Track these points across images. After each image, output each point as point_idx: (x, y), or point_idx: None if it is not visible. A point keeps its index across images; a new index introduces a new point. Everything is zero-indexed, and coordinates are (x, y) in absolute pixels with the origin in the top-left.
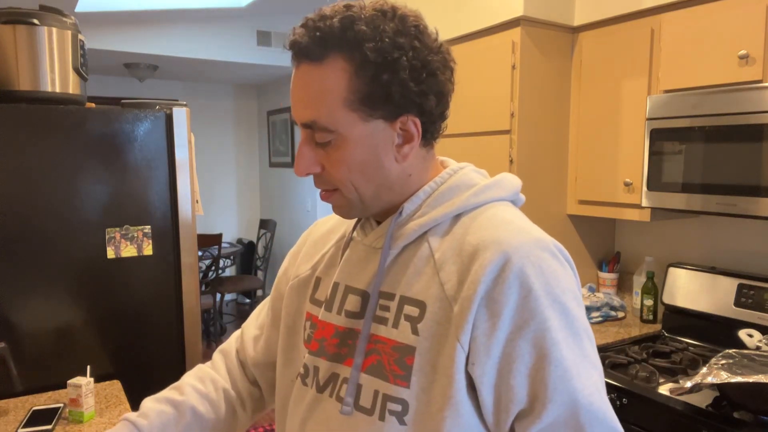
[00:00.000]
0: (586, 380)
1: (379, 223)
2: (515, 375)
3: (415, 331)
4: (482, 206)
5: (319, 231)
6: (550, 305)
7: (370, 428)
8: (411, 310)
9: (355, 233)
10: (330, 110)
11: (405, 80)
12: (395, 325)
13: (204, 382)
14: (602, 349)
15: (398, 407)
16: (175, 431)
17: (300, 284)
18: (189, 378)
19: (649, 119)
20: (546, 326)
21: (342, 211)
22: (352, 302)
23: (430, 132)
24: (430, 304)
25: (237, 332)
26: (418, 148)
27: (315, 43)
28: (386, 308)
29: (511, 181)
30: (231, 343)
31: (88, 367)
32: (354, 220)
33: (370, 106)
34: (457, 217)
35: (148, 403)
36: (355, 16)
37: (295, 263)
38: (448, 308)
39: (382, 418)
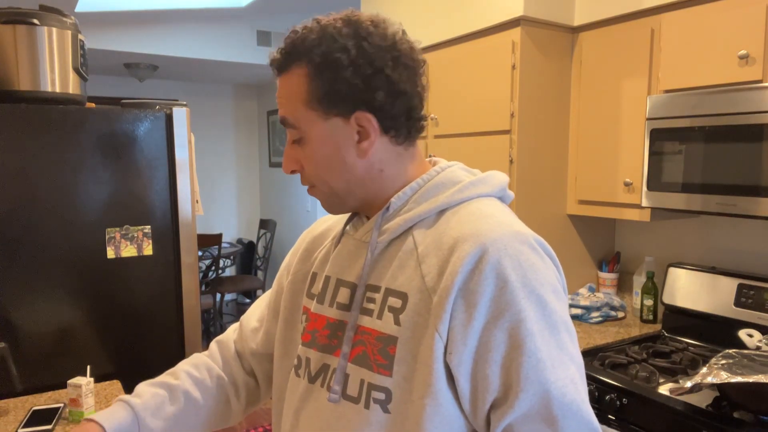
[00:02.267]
0: (561, 372)
1: (368, 218)
2: (490, 364)
3: (397, 322)
4: (466, 201)
5: (319, 229)
6: (526, 297)
7: (357, 416)
8: (394, 301)
9: (347, 228)
10: (295, 110)
11: (348, 78)
12: (379, 316)
13: (199, 369)
14: (602, 349)
15: (382, 395)
16: (168, 413)
17: (298, 279)
18: (184, 364)
19: (649, 119)
20: (521, 317)
21: (325, 205)
22: (343, 295)
23: (394, 129)
24: (411, 295)
25: (235, 324)
26: (389, 145)
27: (282, 58)
28: (372, 300)
29: (497, 178)
30: (228, 334)
31: (88, 367)
32: (347, 217)
33: (326, 104)
34: (442, 212)
35: (143, 386)
36: (310, 27)
37: (295, 259)
38: (428, 299)
39: (367, 406)
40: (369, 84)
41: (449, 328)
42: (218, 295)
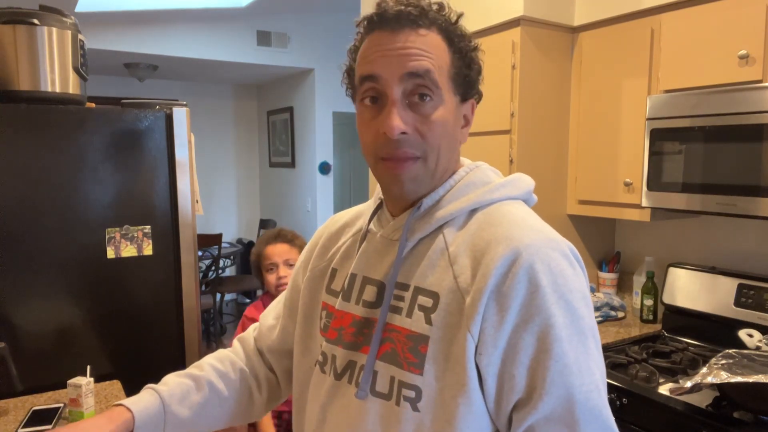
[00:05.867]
0: (586, 377)
1: (393, 216)
2: (517, 366)
3: (428, 321)
4: (496, 203)
5: (335, 226)
6: (556, 302)
7: (388, 413)
8: (425, 300)
9: (371, 226)
10: (440, 69)
11: (477, 70)
12: (409, 314)
13: (223, 362)
14: (602, 349)
15: (412, 393)
16: (194, 401)
17: (316, 276)
18: (208, 358)
19: (649, 119)
20: (551, 322)
21: (409, 186)
22: (370, 292)
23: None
24: (443, 295)
25: (255, 323)
26: None
27: (421, 16)
28: (401, 298)
29: (525, 181)
30: (249, 332)
31: (88, 367)
32: (369, 213)
33: (456, 83)
34: (472, 212)
35: (170, 376)
36: (442, 3)
37: (311, 257)
38: (461, 300)
39: (398, 403)
40: (478, 78)
41: (481, 329)
42: (218, 295)
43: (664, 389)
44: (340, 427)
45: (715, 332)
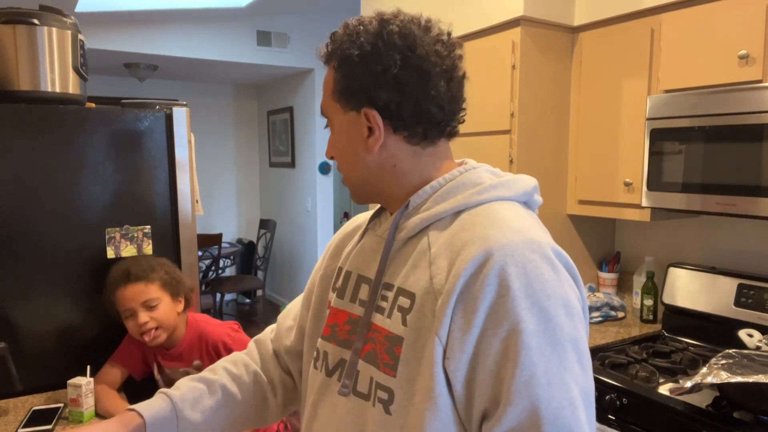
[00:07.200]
0: (558, 392)
1: (393, 214)
2: (484, 372)
3: (404, 322)
4: (484, 204)
5: (350, 227)
6: (528, 308)
7: (368, 414)
8: (403, 301)
9: (371, 224)
10: (325, 100)
11: (358, 74)
12: (389, 315)
13: (237, 365)
14: (602, 349)
15: (385, 395)
16: (206, 406)
17: (327, 275)
18: (223, 361)
19: (649, 119)
20: (519, 329)
21: (351, 193)
22: (365, 291)
23: (405, 129)
24: (419, 296)
25: (272, 325)
26: (402, 143)
27: (327, 51)
28: (386, 298)
29: (522, 181)
30: (266, 333)
31: (88, 367)
32: (373, 213)
33: (345, 98)
34: (458, 213)
35: (183, 380)
36: (347, 24)
37: (326, 257)
38: (434, 301)
39: (374, 404)
40: (375, 82)
41: (449, 332)
42: (218, 295)
43: (664, 389)
44: (326, 424)
45: (715, 332)
